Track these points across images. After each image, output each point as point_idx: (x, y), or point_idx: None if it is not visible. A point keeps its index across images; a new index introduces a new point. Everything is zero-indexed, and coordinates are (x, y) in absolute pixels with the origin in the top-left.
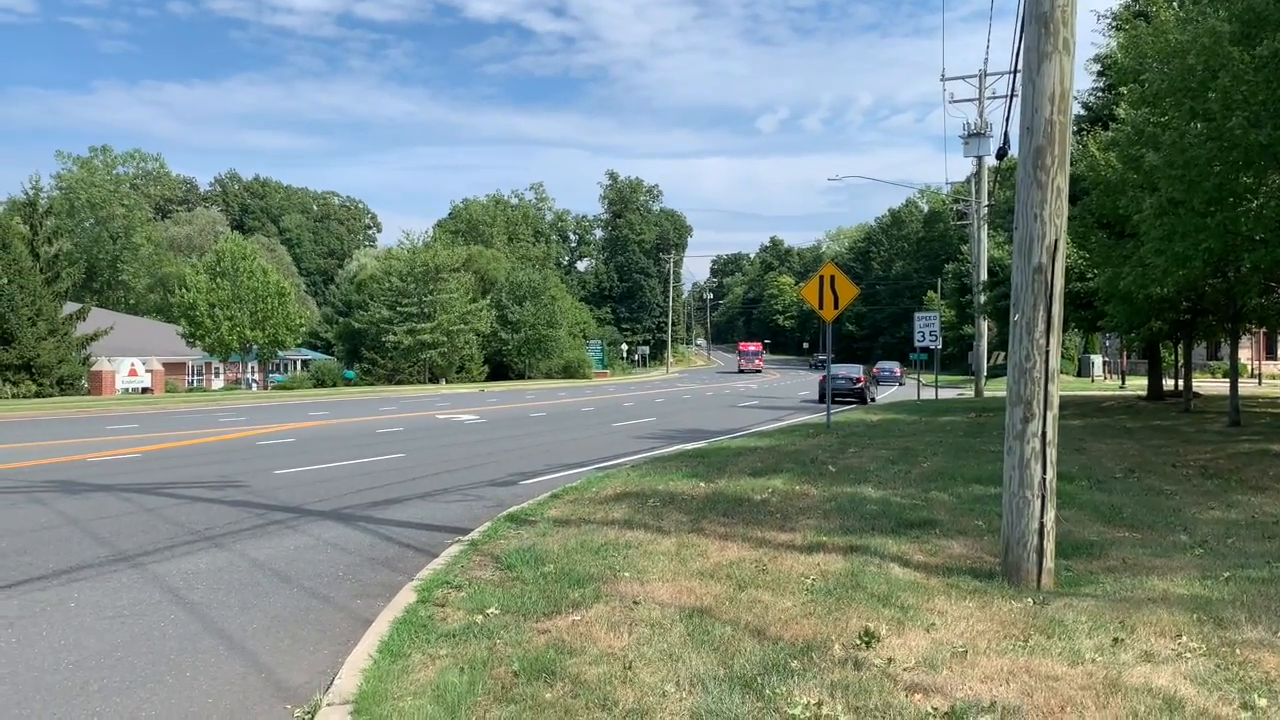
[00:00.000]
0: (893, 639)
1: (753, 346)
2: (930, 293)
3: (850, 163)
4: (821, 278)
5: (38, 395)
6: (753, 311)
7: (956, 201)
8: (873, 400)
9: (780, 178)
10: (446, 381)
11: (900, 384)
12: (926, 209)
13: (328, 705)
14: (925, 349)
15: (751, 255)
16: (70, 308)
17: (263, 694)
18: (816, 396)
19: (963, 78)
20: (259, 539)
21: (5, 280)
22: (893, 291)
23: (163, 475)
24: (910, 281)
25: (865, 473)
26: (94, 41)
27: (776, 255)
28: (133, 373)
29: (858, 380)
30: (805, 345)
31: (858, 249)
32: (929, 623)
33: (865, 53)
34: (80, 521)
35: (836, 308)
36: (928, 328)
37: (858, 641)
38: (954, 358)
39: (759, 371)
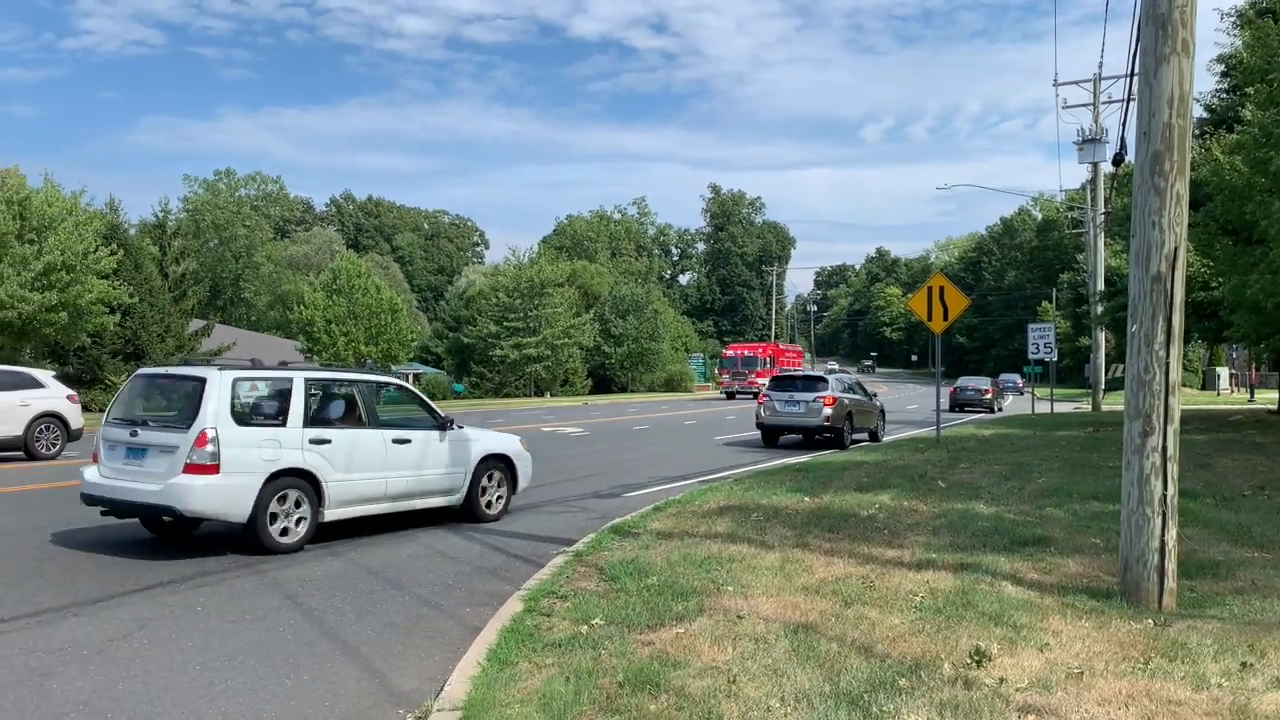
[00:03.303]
0: (1005, 658)
1: (749, 350)
2: (1044, 303)
3: (958, 171)
4: (930, 289)
5: None
6: (858, 324)
7: (1071, 209)
8: (1000, 410)
9: (885, 187)
10: (551, 395)
11: (1020, 393)
12: (1040, 217)
13: (438, 711)
14: (1040, 361)
15: (857, 266)
16: (196, 324)
17: (376, 699)
18: (948, 406)
19: (1076, 82)
20: (372, 547)
21: (137, 299)
22: (1005, 302)
23: None
24: (1023, 292)
25: (977, 488)
26: (218, 70)
27: (883, 266)
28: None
29: (986, 391)
30: (914, 358)
31: (968, 259)
32: (1043, 642)
33: (972, 59)
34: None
35: (946, 320)
36: (1042, 339)
37: (968, 660)
38: (1070, 370)
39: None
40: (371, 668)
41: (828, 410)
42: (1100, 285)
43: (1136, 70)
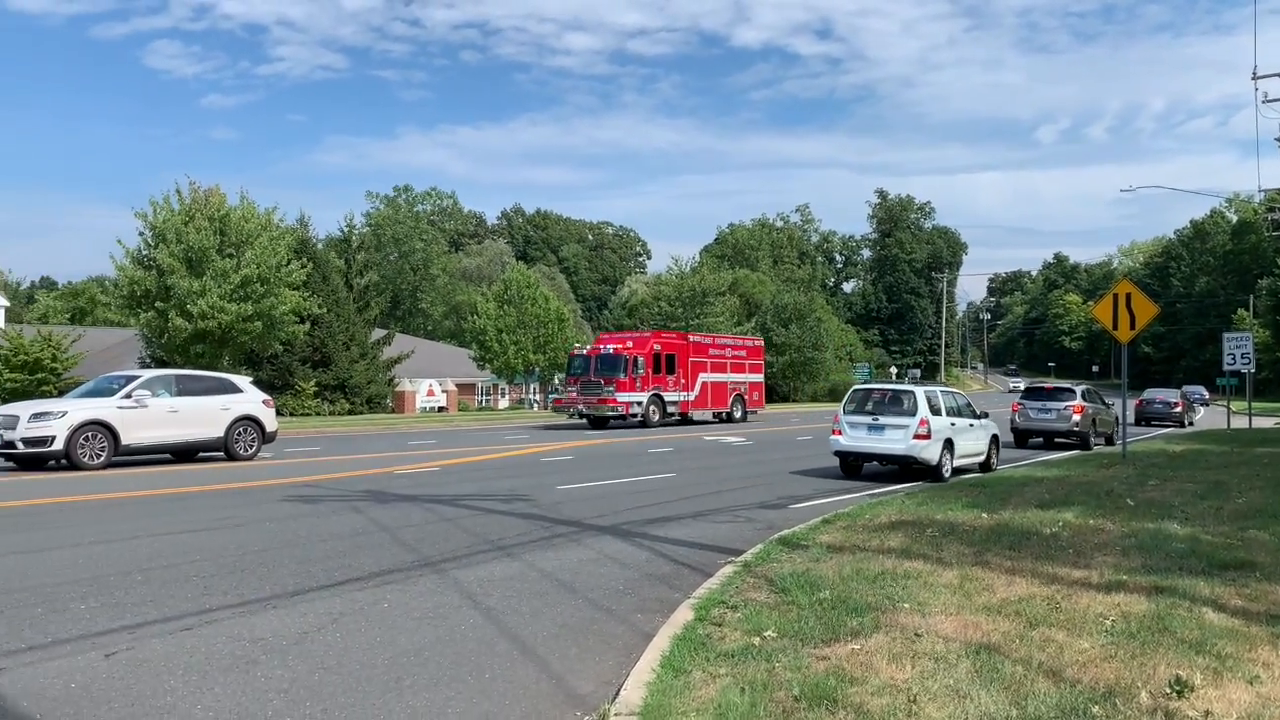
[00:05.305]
0: (1209, 690)
1: (613, 343)
2: (1240, 311)
3: (1141, 172)
4: (1116, 296)
5: (349, 412)
6: (1035, 332)
7: (1271, 210)
8: (1190, 425)
9: (1062, 191)
10: None
11: (1205, 405)
12: (1235, 219)
13: (615, 716)
14: (1235, 373)
15: (1033, 273)
16: (377, 334)
17: (555, 700)
18: (1134, 420)
19: (1278, 75)
20: (545, 550)
21: (325, 310)
22: (1195, 310)
23: (458, 488)
24: (1216, 299)
25: (1169, 507)
26: (397, 91)
27: (1061, 272)
28: (430, 393)
29: (1175, 405)
30: (1095, 369)
31: (1154, 264)
32: (1252, 675)
33: (1156, 55)
34: (389, 529)
35: (1133, 328)
36: (1239, 350)
37: (1167, 690)
38: (1269, 383)
39: (637, 415)
40: (549, 669)
41: (1076, 417)
42: None
43: None
